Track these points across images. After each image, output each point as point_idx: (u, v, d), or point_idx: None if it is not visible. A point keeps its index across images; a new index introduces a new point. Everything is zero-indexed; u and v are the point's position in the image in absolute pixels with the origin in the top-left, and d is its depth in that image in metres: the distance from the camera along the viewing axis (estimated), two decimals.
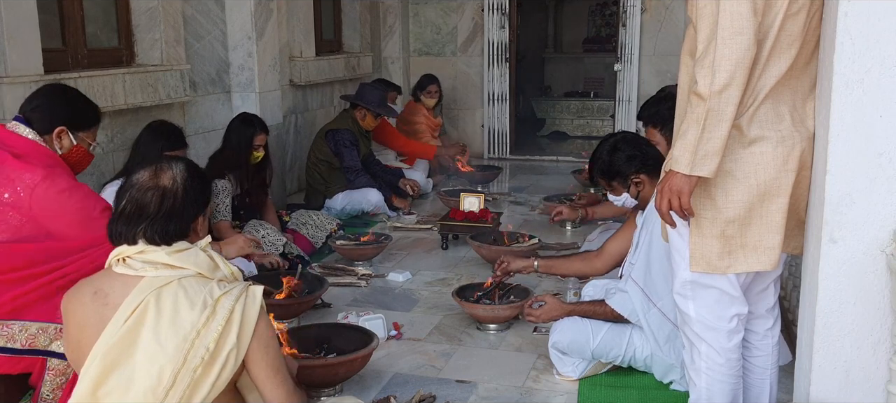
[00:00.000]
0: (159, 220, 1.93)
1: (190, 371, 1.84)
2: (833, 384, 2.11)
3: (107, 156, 4.23)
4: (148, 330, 1.85)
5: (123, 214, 1.94)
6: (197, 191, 2.02)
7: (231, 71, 5.40)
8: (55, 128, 2.68)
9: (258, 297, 1.96)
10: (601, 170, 3.18)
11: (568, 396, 2.97)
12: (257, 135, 4.46)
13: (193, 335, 1.85)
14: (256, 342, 1.93)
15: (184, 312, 1.86)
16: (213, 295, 1.90)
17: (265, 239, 4.30)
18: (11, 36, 3.44)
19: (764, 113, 2.13)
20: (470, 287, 3.76)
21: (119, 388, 1.84)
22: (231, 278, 2.03)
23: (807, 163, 2.17)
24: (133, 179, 1.98)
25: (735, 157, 2.14)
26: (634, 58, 7.75)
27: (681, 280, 2.33)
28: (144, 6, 4.57)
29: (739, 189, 2.15)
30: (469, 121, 8.44)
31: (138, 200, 1.94)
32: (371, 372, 3.10)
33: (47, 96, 2.75)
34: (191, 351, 1.84)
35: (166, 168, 1.98)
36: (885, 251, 1.98)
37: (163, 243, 1.93)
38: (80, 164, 2.82)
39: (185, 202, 1.97)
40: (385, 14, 8.10)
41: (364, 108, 5.77)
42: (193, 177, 2.02)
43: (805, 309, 2.26)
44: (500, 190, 6.78)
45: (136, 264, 1.92)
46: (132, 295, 1.88)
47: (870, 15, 1.91)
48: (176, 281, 1.90)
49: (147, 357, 1.84)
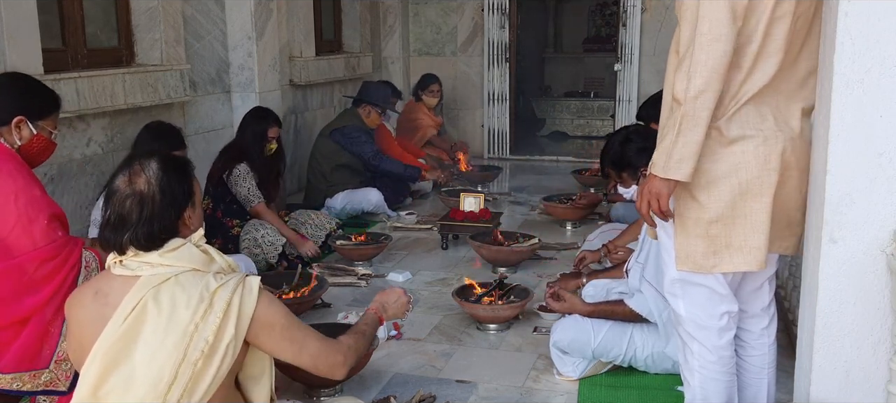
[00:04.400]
0: (142, 226, 1.92)
1: (190, 364, 1.85)
2: (833, 384, 2.11)
3: (107, 156, 4.23)
4: (147, 327, 1.86)
5: (109, 224, 1.95)
6: (175, 188, 1.98)
7: (231, 71, 5.40)
8: (13, 119, 2.57)
9: (255, 288, 1.96)
10: (612, 160, 3.21)
11: (568, 396, 2.97)
12: (271, 127, 4.55)
13: (192, 328, 1.86)
14: (257, 327, 1.94)
15: (181, 308, 1.87)
16: (210, 289, 1.91)
17: (264, 239, 4.31)
18: (11, 36, 3.44)
19: (745, 113, 2.14)
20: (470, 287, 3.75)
21: (119, 387, 1.85)
22: (227, 270, 2.02)
23: (791, 163, 2.16)
24: (113, 186, 1.97)
25: (716, 157, 2.14)
26: (634, 57, 7.75)
27: (670, 278, 2.34)
28: (144, 6, 4.57)
29: (722, 188, 2.15)
30: (469, 121, 8.45)
31: (119, 212, 1.94)
32: (371, 372, 3.10)
33: (1, 87, 2.64)
34: (190, 345, 1.85)
35: (139, 170, 1.95)
36: (885, 251, 1.98)
37: (151, 247, 1.93)
38: (41, 154, 2.68)
39: (163, 203, 1.94)
40: (385, 14, 8.10)
41: (369, 106, 5.78)
42: (169, 173, 1.97)
43: (805, 309, 2.26)
44: (500, 190, 6.78)
45: (133, 264, 1.93)
46: (130, 294, 1.89)
47: (870, 15, 1.91)
48: (173, 278, 1.91)
49: (147, 354, 1.85)
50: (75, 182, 4.02)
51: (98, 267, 2.56)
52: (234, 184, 4.39)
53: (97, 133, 4.16)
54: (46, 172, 3.76)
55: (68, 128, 3.92)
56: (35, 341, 2.43)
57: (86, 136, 4.09)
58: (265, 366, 2.07)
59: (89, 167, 4.11)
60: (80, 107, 3.89)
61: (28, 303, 2.41)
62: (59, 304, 2.45)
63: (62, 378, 2.47)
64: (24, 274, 2.41)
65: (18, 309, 2.40)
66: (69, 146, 3.95)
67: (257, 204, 4.41)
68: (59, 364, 2.46)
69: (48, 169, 3.76)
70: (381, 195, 5.67)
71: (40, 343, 2.44)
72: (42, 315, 2.43)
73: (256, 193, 4.42)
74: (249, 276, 2.00)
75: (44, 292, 2.43)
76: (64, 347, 2.46)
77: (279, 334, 2.00)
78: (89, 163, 4.11)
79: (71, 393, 2.46)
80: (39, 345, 2.44)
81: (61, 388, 2.47)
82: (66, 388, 2.48)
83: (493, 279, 3.91)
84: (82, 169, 4.06)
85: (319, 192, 5.69)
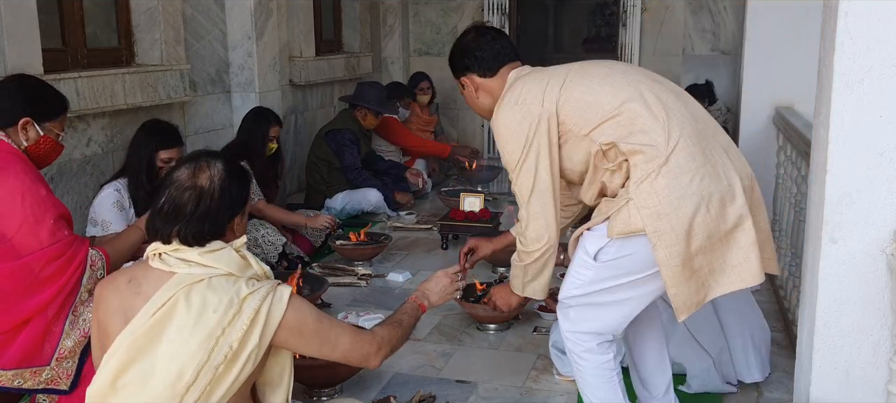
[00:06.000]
0: (194, 221, 1.93)
1: (212, 367, 1.85)
2: (833, 384, 2.12)
3: (106, 156, 4.23)
4: (174, 325, 1.87)
5: (162, 212, 1.95)
6: (234, 191, 2.00)
7: (231, 71, 5.40)
8: (19, 121, 2.57)
9: (284, 298, 1.96)
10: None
11: (568, 396, 2.97)
12: (272, 127, 4.58)
13: (218, 332, 1.87)
14: (284, 333, 1.95)
15: (210, 310, 1.88)
16: (240, 295, 1.91)
17: (265, 239, 4.31)
18: (11, 36, 3.43)
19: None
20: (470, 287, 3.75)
21: (138, 380, 1.86)
22: (262, 276, 2.03)
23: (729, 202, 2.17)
24: (173, 176, 1.98)
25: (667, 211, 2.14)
26: (634, 58, 7.74)
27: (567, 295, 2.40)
28: (144, 6, 4.57)
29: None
30: (469, 121, 8.44)
31: (176, 199, 1.94)
32: (371, 372, 3.10)
33: (9, 88, 2.65)
34: (215, 348, 1.86)
35: (205, 166, 1.97)
36: (885, 251, 1.98)
37: (196, 244, 1.94)
38: (48, 156, 2.70)
39: (221, 204, 1.96)
40: (385, 14, 8.10)
41: (364, 108, 5.78)
42: (232, 177, 2.00)
43: (805, 310, 2.26)
44: (500, 190, 6.78)
45: (171, 260, 1.94)
46: (163, 289, 1.90)
47: (870, 15, 1.91)
48: (206, 280, 1.92)
49: (170, 352, 1.86)
50: (75, 182, 4.02)
51: (104, 266, 2.56)
52: None
53: (97, 133, 4.16)
54: (46, 172, 3.74)
55: (68, 128, 3.89)
56: (37, 338, 2.43)
57: (86, 136, 4.09)
58: (285, 372, 2.07)
59: (89, 167, 4.11)
60: (80, 107, 3.88)
61: (32, 303, 2.41)
62: (62, 303, 2.46)
63: (63, 376, 2.47)
64: (30, 273, 2.41)
65: (23, 309, 2.40)
66: (69, 146, 3.95)
67: (258, 202, 4.41)
68: (61, 363, 2.46)
69: (48, 169, 3.74)
70: (380, 195, 5.67)
71: (42, 341, 2.44)
72: (45, 313, 2.44)
73: (257, 192, 4.43)
74: (281, 285, 2.00)
75: (48, 291, 2.43)
76: (66, 345, 2.47)
77: (310, 337, 2.01)
78: (89, 163, 4.11)
79: (72, 392, 2.47)
80: (41, 343, 2.44)
81: (62, 387, 2.47)
82: (67, 387, 2.48)
83: (494, 279, 3.90)
84: (82, 169, 4.05)
85: (319, 192, 5.69)
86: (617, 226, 2.18)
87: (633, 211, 2.14)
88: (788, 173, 3.85)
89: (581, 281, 2.33)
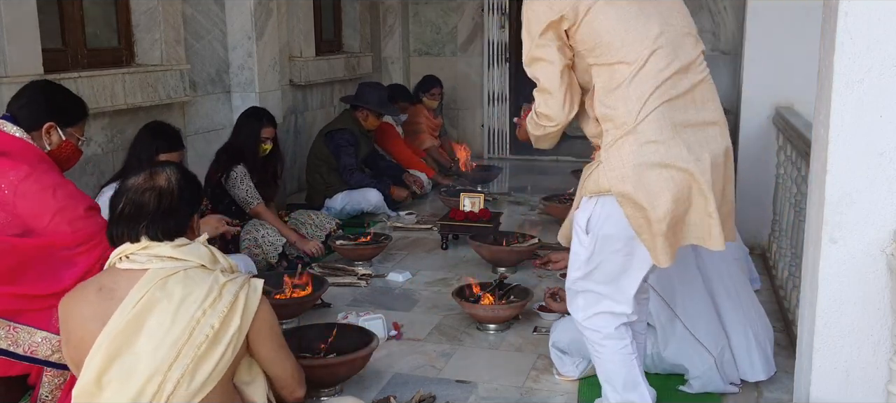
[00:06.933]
0: (159, 217, 2.02)
1: (194, 346, 1.92)
2: (833, 384, 2.12)
3: (106, 156, 4.23)
4: (154, 316, 1.92)
5: (123, 216, 2.04)
6: (191, 191, 2.14)
7: (231, 71, 5.40)
8: (43, 125, 2.67)
9: (259, 288, 2.09)
10: None
11: (568, 396, 2.97)
12: (264, 127, 4.51)
13: (199, 314, 1.94)
14: (259, 324, 2.06)
15: (190, 297, 1.96)
16: (219, 282, 2.01)
17: (265, 239, 4.31)
18: (11, 36, 3.44)
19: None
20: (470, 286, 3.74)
21: (122, 374, 1.90)
22: (229, 270, 2.13)
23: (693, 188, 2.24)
24: (127, 184, 2.10)
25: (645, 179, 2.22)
26: None
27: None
28: (144, 6, 4.57)
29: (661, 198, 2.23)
30: (469, 121, 8.44)
31: (136, 201, 2.03)
32: (371, 372, 3.10)
33: (34, 93, 2.74)
34: (196, 328, 1.93)
35: (159, 170, 2.10)
36: (885, 251, 1.98)
37: (165, 239, 2.02)
38: (69, 160, 2.81)
39: (181, 200, 2.07)
40: (385, 14, 8.10)
41: (366, 109, 5.77)
42: (186, 178, 2.14)
43: (805, 310, 2.26)
44: (500, 190, 6.78)
45: (141, 258, 1.99)
46: (138, 285, 1.95)
47: (870, 15, 1.91)
48: (182, 271, 1.99)
49: (152, 342, 1.91)
50: (75, 182, 3.95)
51: None
52: (232, 186, 4.38)
53: (97, 133, 4.16)
54: None
55: None
56: None
57: (86, 136, 4.08)
58: (256, 371, 2.17)
59: (89, 167, 4.11)
60: None
61: (66, 276, 2.45)
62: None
63: None
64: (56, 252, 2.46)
65: (56, 283, 2.44)
66: None
67: (257, 205, 4.40)
68: None
69: None
70: (380, 195, 5.67)
71: None
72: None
73: (255, 194, 4.41)
74: (254, 278, 2.12)
75: (80, 265, 2.48)
76: None
77: (274, 338, 2.14)
78: (89, 163, 4.11)
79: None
80: None
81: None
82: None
83: (493, 279, 3.90)
84: (82, 169, 4.05)
85: (319, 193, 5.69)
86: (589, 186, 2.36)
87: (602, 173, 2.30)
88: (788, 173, 3.85)
89: (580, 260, 2.43)
